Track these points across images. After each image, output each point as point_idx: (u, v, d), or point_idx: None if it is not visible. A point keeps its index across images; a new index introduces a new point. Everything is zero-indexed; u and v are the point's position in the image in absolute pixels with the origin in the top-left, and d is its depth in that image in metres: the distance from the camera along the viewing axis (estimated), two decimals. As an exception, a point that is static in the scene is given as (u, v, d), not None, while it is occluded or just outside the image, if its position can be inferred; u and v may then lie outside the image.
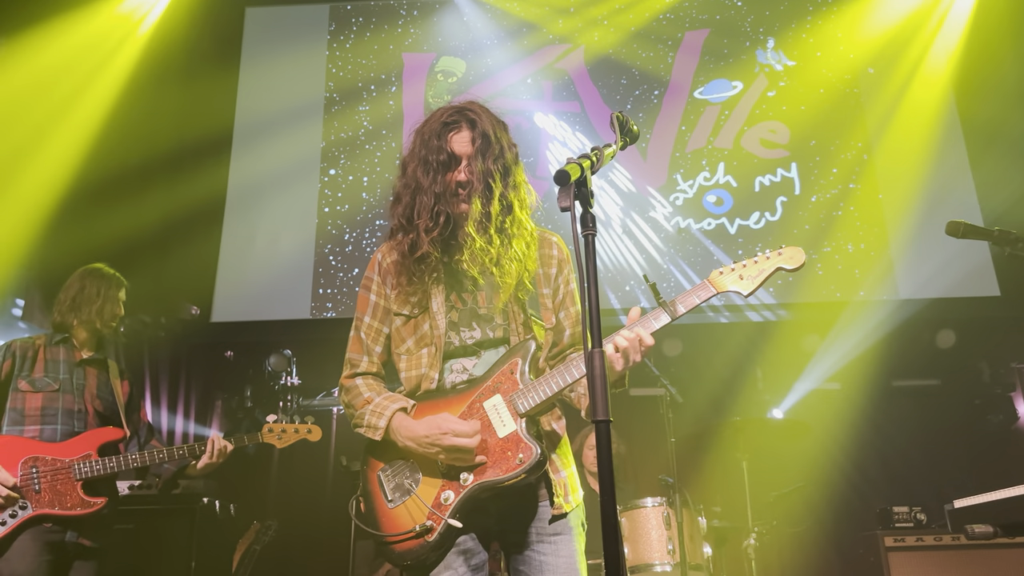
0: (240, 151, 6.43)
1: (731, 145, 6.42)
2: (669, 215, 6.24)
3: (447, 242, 2.14)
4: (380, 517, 2.04)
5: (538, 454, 1.96)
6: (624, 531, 4.10)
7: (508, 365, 2.07)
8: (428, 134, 2.15)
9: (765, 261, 2.09)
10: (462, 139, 2.12)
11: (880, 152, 6.34)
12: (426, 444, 1.99)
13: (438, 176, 2.10)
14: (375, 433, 2.07)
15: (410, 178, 2.14)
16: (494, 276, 2.13)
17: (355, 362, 2.20)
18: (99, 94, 5.77)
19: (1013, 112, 6.10)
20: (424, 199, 2.10)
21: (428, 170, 2.11)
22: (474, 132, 2.12)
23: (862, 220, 6.16)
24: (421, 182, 2.11)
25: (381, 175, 6.35)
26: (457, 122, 2.14)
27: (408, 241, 2.12)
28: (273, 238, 6.19)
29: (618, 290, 6.04)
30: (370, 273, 2.24)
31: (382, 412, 2.07)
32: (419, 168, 2.12)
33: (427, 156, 2.11)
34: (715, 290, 2.08)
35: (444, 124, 2.14)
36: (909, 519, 5.08)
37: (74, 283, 3.56)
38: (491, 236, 2.11)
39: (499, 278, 2.12)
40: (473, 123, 2.14)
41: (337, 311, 6.00)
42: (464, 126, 2.14)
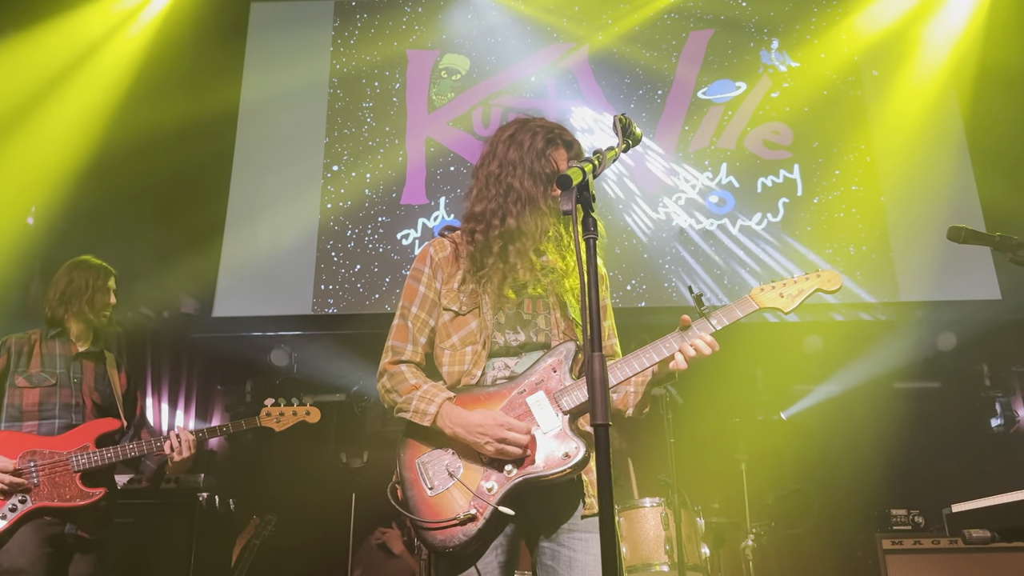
0: (244, 145, 6.43)
1: (734, 146, 6.42)
2: (672, 215, 6.24)
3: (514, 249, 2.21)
4: (420, 504, 2.05)
5: (584, 451, 1.99)
6: (622, 531, 4.11)
7: (551, 364, 2.11)
8: (527, 144, 2.23)
9: (804, 282, 2.21)
10: (562, 157, 2.23)
11: (883, 154, 6.34)
12: (477, 433, 2.02)
13: (546, 189, 2.18)
14: (424, 418, 2.09)
15: (515, 187, 2.19)
16: (543, 282, 2.23)
17: (399, 350, 2.22)
18: (101, 88, 5.77)
19: (1017, 116, 6.10)
20: (539, 208, 2.18)
21: (537, 180, 2.18)
22: (571, 153, 2.25)
23: (864, 222, 6.16)
24: (531, 191, 2.18)
25: (384, 172, 6.35)
26: (557, 141, 2.25)
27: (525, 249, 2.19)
28: (276, 233, 6.19)
29: (619, 289, 6.04)
30: (420, 265, 2.28)
31: (432, 399, 2.10)
32: (526, 178, 2.19)
33: (533, 167, 2.19)
34: (757, 306, 2.18)
35: (547, 140, 2.23)
36: (907, 522, 5.10)
37: (62, 277, 3.56)
38: (562, 254, 2.25)
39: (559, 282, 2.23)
40: (570, 144, 2.26)
41: (338, 307, 6.01)
42: (561, 146, 2.25)
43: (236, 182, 6.33)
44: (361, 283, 6.08)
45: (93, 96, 5.71)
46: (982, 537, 2.28)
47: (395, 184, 6.33)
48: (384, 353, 2.25)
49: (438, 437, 2.11)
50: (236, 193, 6.31)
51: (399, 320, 2.26)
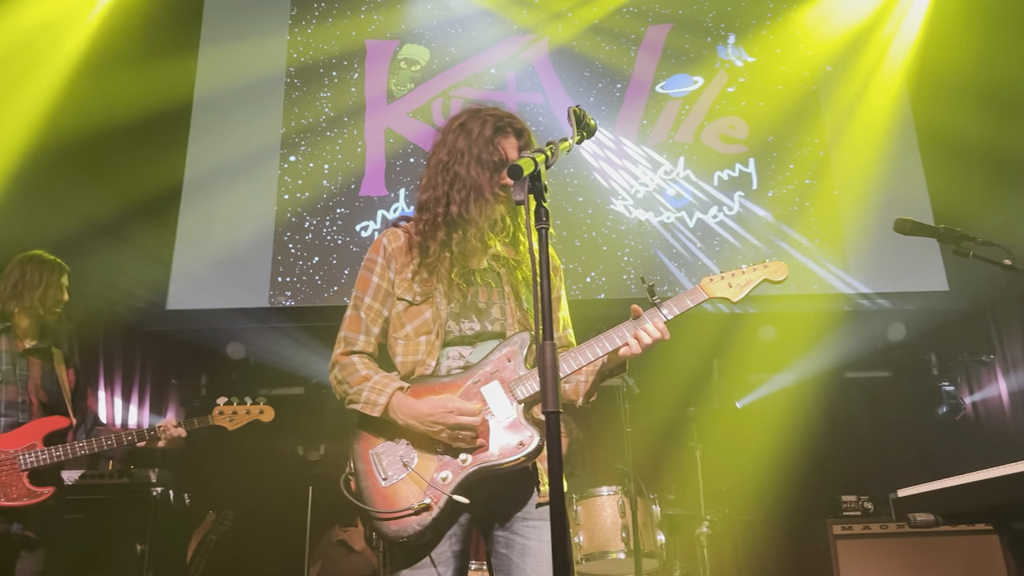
0: (198, 135, 6.32)
1: (691, 140, 6.48)
2: (630, 207, 6.29)
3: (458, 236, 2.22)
4: (374, 495, 2.05)
5: (539, 439, 2.01)
6: (580, 519, 4.15)
7: (505, 353, 2.12)
8: (476, 133, 2.22)
9: (752, 272, 2.24)
10: (511, 145, 2.21)
11: (836, 149, 6.45)
12: (429, 422, 2.02)
13: (493, 176, 2.17)
14: (374, 409, 2.09)
15: (462, 175, 2.19)
16: (498, 271, 2.24)
17: (351, 340, 2.21)
18: (52, 73, 5.61)
19: (965, 112, 6.24)
20: (484, 196, 2.17)
21: (483, 168, 2.18)
22: (521, 141, 2.23)
23: (817, 216, 6.27)
24: (477, 179, 2.18)
25: (343, 163, 6.29)
26: (506, 128, 2.23)
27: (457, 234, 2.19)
28: (231, 224, 6.10)
29: (578, 281, 6.08)
30: (373, 255, 2.27)
31: (382, 389, 2.09)
32: (473, 165, 2.18)
33: (480, 155, 2.19)
34: (706, 296, 2.21)
35: (496, 128, 2.22)
36: (857, 508, 5.21)
37: (14, 270, 3.47)
38: (515, 244, 2.26)
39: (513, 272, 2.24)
40: (520, 132, 2.24)
41: (296, 299, 5.94)
42: (511, 134, 2.23)
43: (190, 173, 6.22)
44: (319, 275, 6.02)
45: (43, 84, 5.56)
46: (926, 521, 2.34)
47: (354, 175, 6.28)
48: (336, 344, 2.24)
49: (392, 428, 2.11)
50: (190, 184, 6.19)
51: (352, 311, 2.25)
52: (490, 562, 2.13)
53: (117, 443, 3.36)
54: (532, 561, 2.03)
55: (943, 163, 6.15)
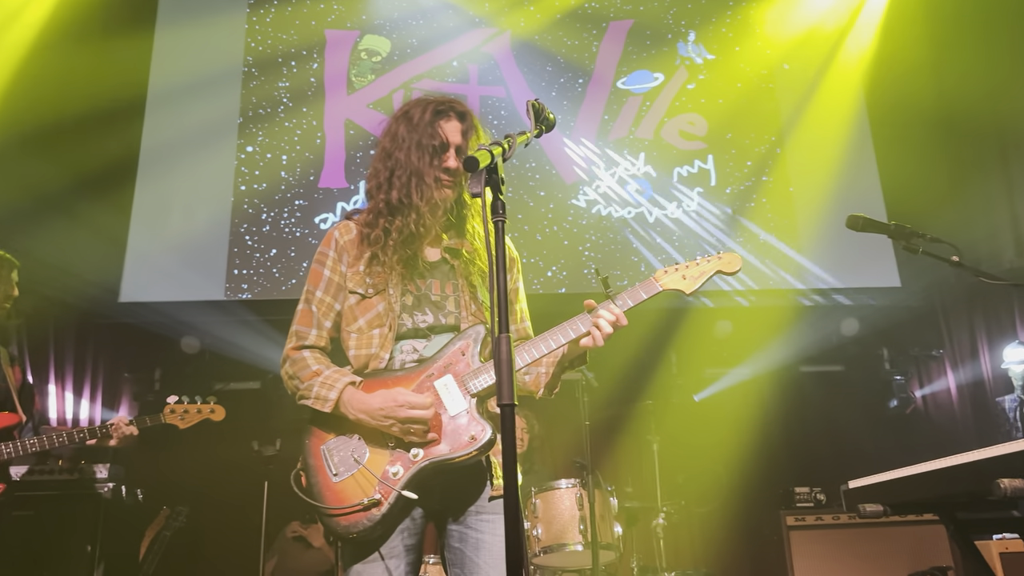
0: (153, 123, 6.18)
1: (652, 136, 6.53)
2: (591, 202, 6.31)
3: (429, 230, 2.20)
4: (324, 490, 2.03)
5: (490, 433, 2.00)
6: (538, 511, 4.16)
7: (459, 347, 2.11)
8: (417, 118, 2.20)
9: (705, 264, 2.25)
10: (453, 128, 2.19)
11: (793, 146, 6.55)
12: (380, 416, 2.01)
13: (433, 160, 2.16)
14: (325, 405, 2.06)
15: (403, 162, 2.18)
16: (452, 264, 2.22)
17: (303, 335, 2.19)
18: (7, 50, 5.46)
19: (918, 111, 6.38)
20: (425, 181, 2.15)
21: (423, 153, 2.16)
22: (463, 124, 2.20)
23: (773, 212, 6.37)
24: (416, 164, 2.15)
25: (301, 154, 6.21)
26: (447, 111, 2.21)
27: (412, 221, 2.16)
28: (186, 215, 5.99)
29: (540, 275, 6.08)
30: (325, 249, 2.24)
31: (333, 384, 2.07)
32: (413, 151, 2.16)
33: (420, 140, 2.17)
34: (660, 287, 2.21)
35: (436, 112, 2.20)
36: (810, 499, 5.31)
37: None
38: (469, 236, 2.23)
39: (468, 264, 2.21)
40: (463, 116, 2.22)
41: (252, 292, 5.85)
42: (454, 116, 2.20)
43: (144, 163, 6.08)
44: (277, 268, 5.94)
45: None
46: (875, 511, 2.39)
47: (313, 167, 6.20)
48: (288, 338, 2.21)
49: (343, 423, 2.09)
50: (144, 174, 6.06)
51: (303, 305, 2.22)
52: (443, 556, 2.12)
53: (68, 440, 3.29)
54: (485, 555, 2.03)
55: (897, 160, 6.29)
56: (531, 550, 4.13)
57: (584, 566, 4.21)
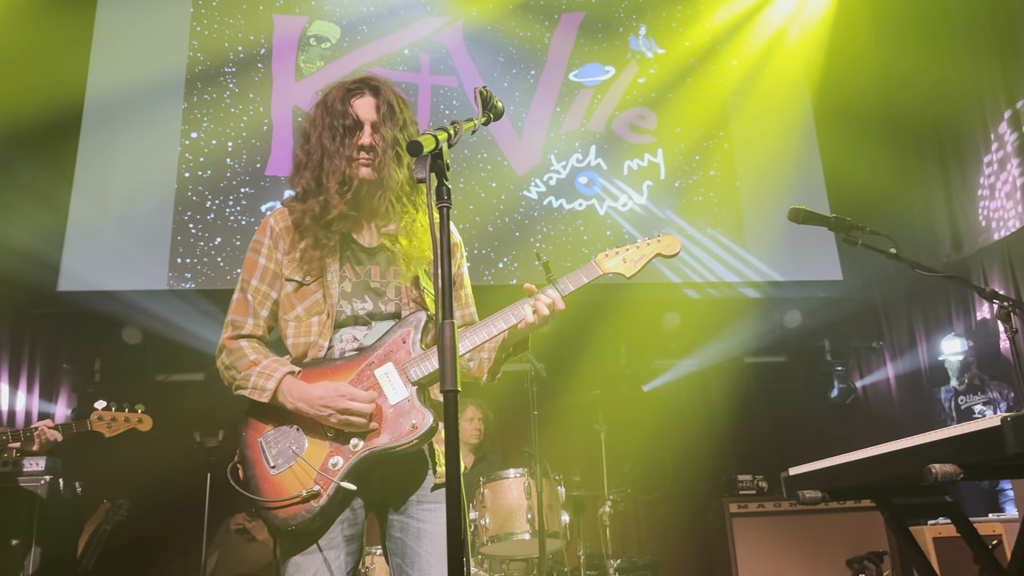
0: (93, 108, 5.98)
1: (603, 129, 6.56)
2: (543, 194, 6.32)
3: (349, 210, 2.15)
4: (262, 483, 1.99)
5: (431, 421, 1.97)
6: (486, 501, 4.15)
7: (400, 334, 2.08)
8: (331, 101, 2.16)
9: (645, 247, 2.24)
10: (365, 104, 2.14)
11: (740, 141, 6.65)
12: (319, 406, 1.97)
13: (345, 140, 2.12)
14: (262, 395, 2.02)
15: (315, 145, 2.14)
16: (391, 250, 2.17)
17: (239, 324, 2.14)
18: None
19: (863, 108, 6.53)
20: (334, 163, 2.11)
21: (334, 135, 2.12)
22: (378, 99, 2.15)
23: (720, 205, 6.46)
24: (327, 147, 2.12)
25: (247, 140, 6.08)
26: (360, 89, 2.16)
27: (319, 204, 2.11)
28: (128, 202, 5.81)
29: (491, 266, 6.07)
30: (260, 236, 2.19)
31: (271, 374, 2.03)
32: (325, 133, 2.13)
33: (332, 121, 2.12)
34: (601, 271, 2.20)
35: (347, 90, 2.16)
36: (752, 487, 5.42)
37: None
38: (400, 203, 2.16)
39: (407, 250, 2.16)
40: (376, 90, 2.16)
41: (196, 282, 5.73)
42: (367, 93, 2.16)
43: (84, 146, 5.89)
44: (221, 257, 5.82)
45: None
46: (814, 497, 2.43)
47: (259, 154, 6.08)
48: (224, 328, 2.16)
49: (281, 414, 2.04)
50: (84, 158, 5.86)
51: (239, 294, 2.17)
52: (385, 546, 2.10)
53: None
54: (427, 544, 2.01)
55: (841, 156, 6.42)
56: (479, 539, 4.12)
57: (531, 555, 4.22)
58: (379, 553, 3.97)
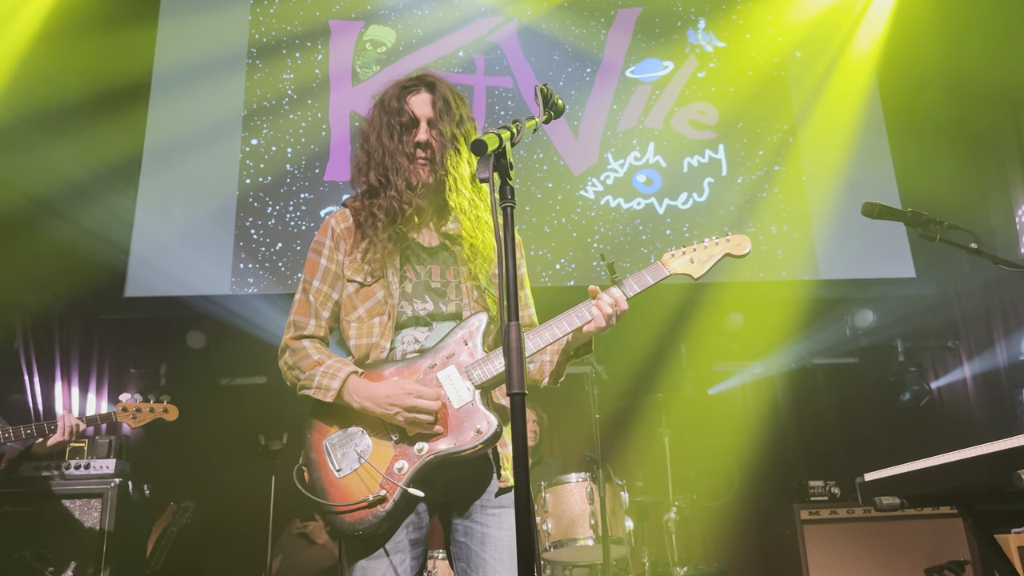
0: (157, 118, 6.16)
1: (661, 125, 6.49)
2: (600, 193, 6.28)
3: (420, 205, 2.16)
4: (328, 487, 2.01)
5: (496, 425, 1.98)
6: (548, 506, 4.14)
7: (461, 336, 2.09)
8: (388, 99, 2.20)
9: (714, 247, 2.22)
10: (421, 101, 2.16)
11: (805, 135, 6.50)
12: (386, 404, 1.98)
13: (403, 137, 2.14)
14: (327, 394, 2.04)
15: (375, 144, 2.17)
16: (451, 249, 2.18)
17: (301, 325, 2.17)
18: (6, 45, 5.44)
19: (931, 98, 6.32)
20: (396, 160, 2.13)
21: (392, 133, 2.14)
22: (433, 95, 2.17)
23: (786, 202, 6.32)
24: (387, 145, 2.14)
25: (306, 146, 6.19)
26: (415, 86, 2.19)
27: (387, 200, 2.13)
28: (192, 208, 5.96)
29: (548, 268, 6.06)
30: (321, 237, 2.22)
31: (335, 374, 2.05)
32: (383, 132, 2.16)
33: (389, 120, 2.16)
34: (667, 272, 2.18)
35: (403, 88, 2.19)
36: (824, 493, 5.28)
37: None
38: (460, 202, 2.16)
39: (468, 249, 2.17)
40: (432, 86, 2.19)
41: (258, 287, 5.85)
42: (423, 89, 2.18)
43: (148, 157, 6.06)
44: (283, 262, 5.94)
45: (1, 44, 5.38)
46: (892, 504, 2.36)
47: (318, 159, 6.19)
48: (286, 329, 2.19)
49: (346, 415, 2.06)
50: (148, 168, 6.04)
51: (301, 295, 2.20)
52: (449, 551, 2.10)
53: (15, 437, 3.39)
54: (492, 549, 2.01)
55: (911, 148, 6.23)
56: (541, 545, 4.11)
57: (595, 561, 4.19)
58: (442, 557, 4.00)
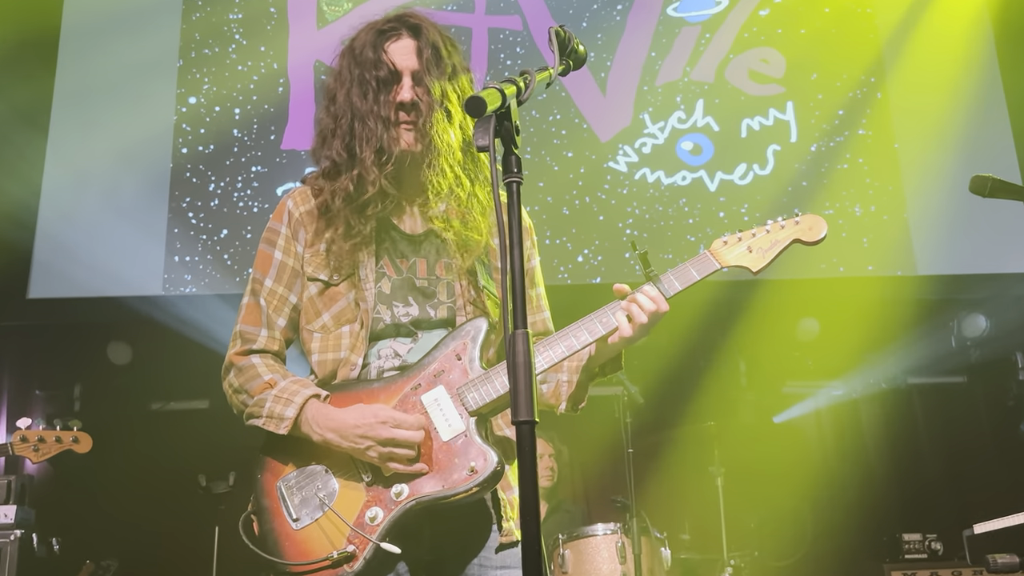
0: (67, 69, 6.19)
1: (712, 78, 6.48)
2: (634, 165, 6.28)
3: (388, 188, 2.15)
4: (283, 540, 2.02)
5: (495, 463, 1.97)
6: (567, 567, 4.16)
7: (454, 349, 2.09)
8: (360, 47, 2.18)
9: (778, 231, 2.16)
10: (403, 49, 2.16)
11: (897, 90, 6.48)
12: (355, 436, 1.98)
13: (379, 96, 2.13)
14: (280, 425, 2.05)
15: (342, 106, 2.16)
16: (442, 237, 2.18)
17: (250, 336, 2.18)
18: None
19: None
20: (367, 126, 2.12)
21: (366, 91, 2.13)
22: (419, 42, 2.16)
23: (873, 176, 6.30)
24: (358, 107, 2.13)
25: (258, 106, 6.21)
26: (396, 30, 2.18)
27: (352, 180, 2.13)
28: (113, 186, 5.99)
29: (568, 260, 6.06)
30: (276, 224, 2.24)
31: (290, 399, 2.06)
32: (354, 90, 2.15)
33: (362, 74, 2.15)
34: (718, 264, 2.14)
35: (380, 33, 2.17)
36: (922, 549, 5.29)
37: None
38: (453, 177, 2.15)
39: (462, 232, 2.16)
40: (416, 30, 2.17)
41: (198, 285, 5.87)
42: (405, 34, 2.17)
43: (57, 122, 6.10)
44: (229, 253, 5.96)
45: None
46: (1009, 563, 2.36)
47: (274, 122, 6.21)
48: (232, 341, 2.20)
49: (305, 451, 2.07)
50: (57, 135, 6.07)
51: (249, 298, 2.21)
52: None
53: None
54: None
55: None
56: (559, 615, 4.13)
57: (628, 637, 4.20)
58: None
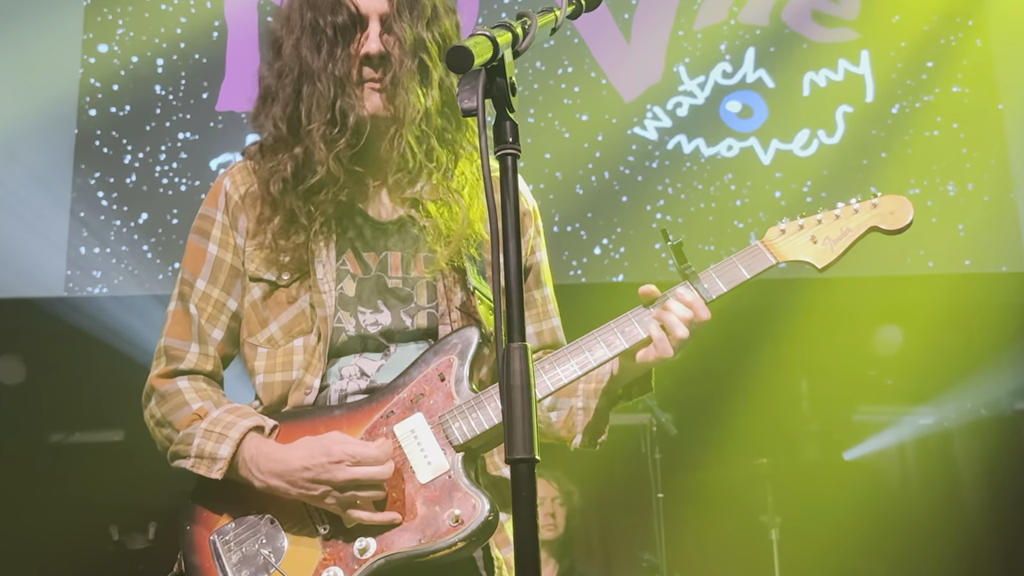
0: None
1: (767, 20, 6.50)
2: (666, 132, 6.30)
3: (349, 165, 2.16)
4: None
5: (486, 511, 1.99)
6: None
7: (435, 367, 2.11)
8: None
9: (852, 216, 2.17)
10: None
11: (1004, 38, 6.51)
12: (304, 482, 2.00)
13: (335, 50, 2.15)
14: (212, 468, 2.07)
15: (289, 60, 2.19)
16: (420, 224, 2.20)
17: (177, 353, 2.21)
18: None
19: None
20: (318, 88, 2.14)
21: (320, 41, 2.15)
22: None
23: (972, 145, 6.32)
24: (309, 62, 2.15)
25: (187, 56, 6.23)
26: None
27: (293, 159, 2.15)
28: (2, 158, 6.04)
29: (582, 253, 6.08)
30: (210, 210, 2.27)
31: (224, 433, 2.08)
32: (304, 40, 2.17)
33: (315, 20, 2.16)
34: (774, 259, 2.14)
35: None
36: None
37: None
38: (431, 149, 2.17)
39: (445, 219, 2.18)
40: None
41: (110, 285, 5.89)
42: None
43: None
44: (150, 244, 5.97)
45: None
46: None
47: (207, 77, 6.23)
48: (155, 359, 2.23)
49: (246, 497, 2.09)
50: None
51: (176, 303, 2.24)
52: None
53: None
54: None
55: None
56: None
57: None
58: None
